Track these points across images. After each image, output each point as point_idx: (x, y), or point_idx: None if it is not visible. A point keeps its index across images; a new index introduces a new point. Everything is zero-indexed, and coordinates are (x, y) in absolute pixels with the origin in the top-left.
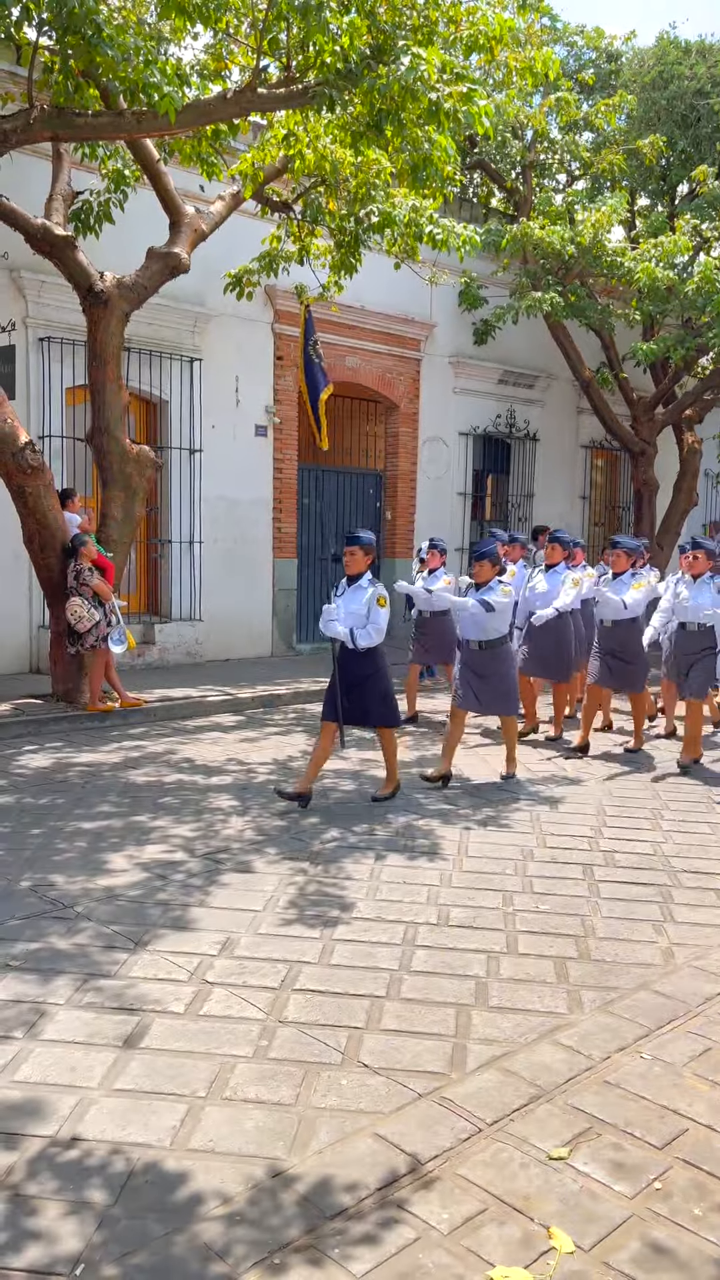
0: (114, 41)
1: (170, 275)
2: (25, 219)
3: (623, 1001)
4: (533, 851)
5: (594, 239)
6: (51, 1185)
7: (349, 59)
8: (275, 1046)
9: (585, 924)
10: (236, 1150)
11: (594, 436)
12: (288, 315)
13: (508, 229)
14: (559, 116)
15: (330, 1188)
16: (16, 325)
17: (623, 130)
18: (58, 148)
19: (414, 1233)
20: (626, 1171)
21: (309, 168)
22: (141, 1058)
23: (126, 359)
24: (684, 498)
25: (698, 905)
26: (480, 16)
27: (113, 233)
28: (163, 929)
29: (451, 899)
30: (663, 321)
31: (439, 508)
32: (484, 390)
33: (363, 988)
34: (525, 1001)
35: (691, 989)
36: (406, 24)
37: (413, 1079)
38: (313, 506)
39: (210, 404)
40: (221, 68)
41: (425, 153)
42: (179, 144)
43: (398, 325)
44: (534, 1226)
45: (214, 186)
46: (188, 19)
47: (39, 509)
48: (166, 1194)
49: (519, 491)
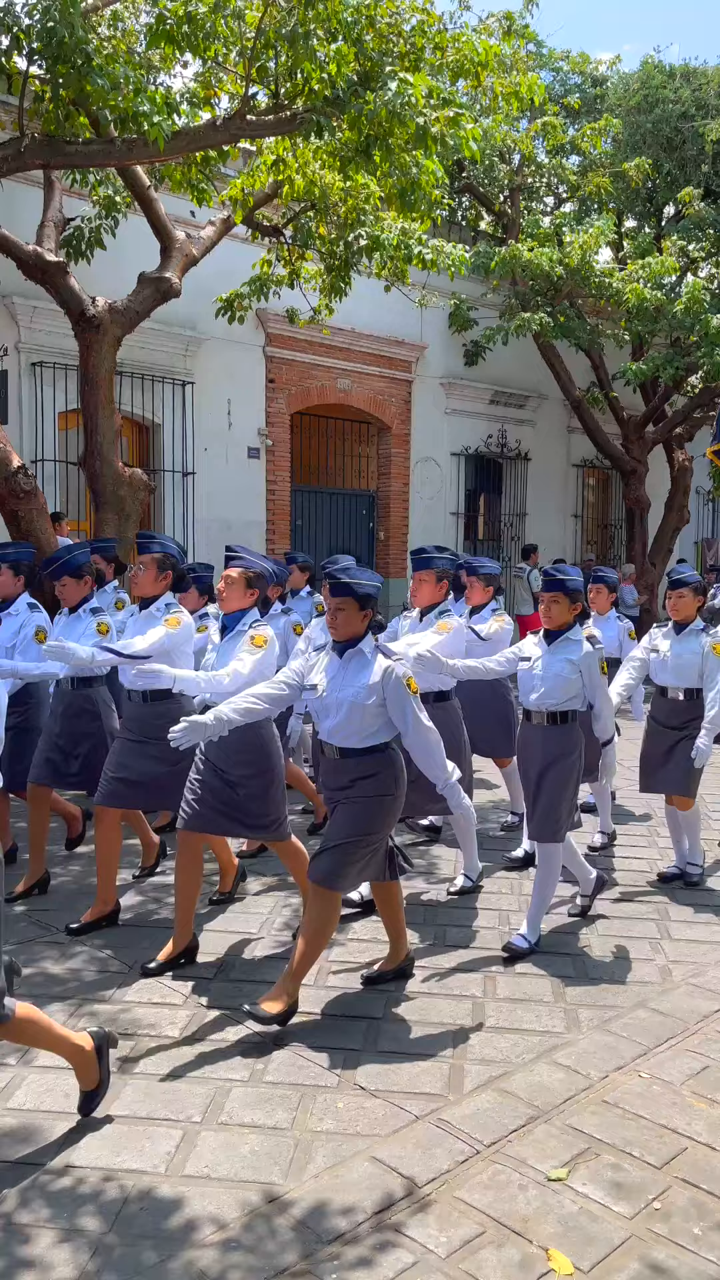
0: (104, 71)
1: (162, 300)
2: (17, 245)
3: (620, 1020)
4: (529, 871)
5: (582, 260)
6: (45, 1213)
7: (337, 86)
8: (271, 1070)
9: (582, 942)
10: (232, 1175)
11: (585, 455)
12: (279, 339)
13: (496, 251)
14: (546, 140)
15: (326, 1212)
16: (9, 350)
17: (609, 154)
18: (49, 175)
19: (411, 1256)
20: (626, 1192)
21: (298, 193)
22: (135, 1083)
23: (119, 383)
24: (675, 515)
25: (694, 923)
26: (466, 43)
27: (104, 258)
28: (157, 952)
29: (448, 919)
30: (651, 341)
31: (432, 528)
32: (475, 411)
33: (359, 1009)
34: (522, 1021)
35: (689, 1007)
36: (393, 51)
37: (410, 1101)
38: (306, 528)
39: (202, 427)
40: (211, 95)
41: (413, 177)
42: (169, 170)
43: (389, 347)
44: (533, 1249)
45: (204, 212)
46: (177, 48)
47: (32, 533)
48: (161, 1221)
49: (511, 511)
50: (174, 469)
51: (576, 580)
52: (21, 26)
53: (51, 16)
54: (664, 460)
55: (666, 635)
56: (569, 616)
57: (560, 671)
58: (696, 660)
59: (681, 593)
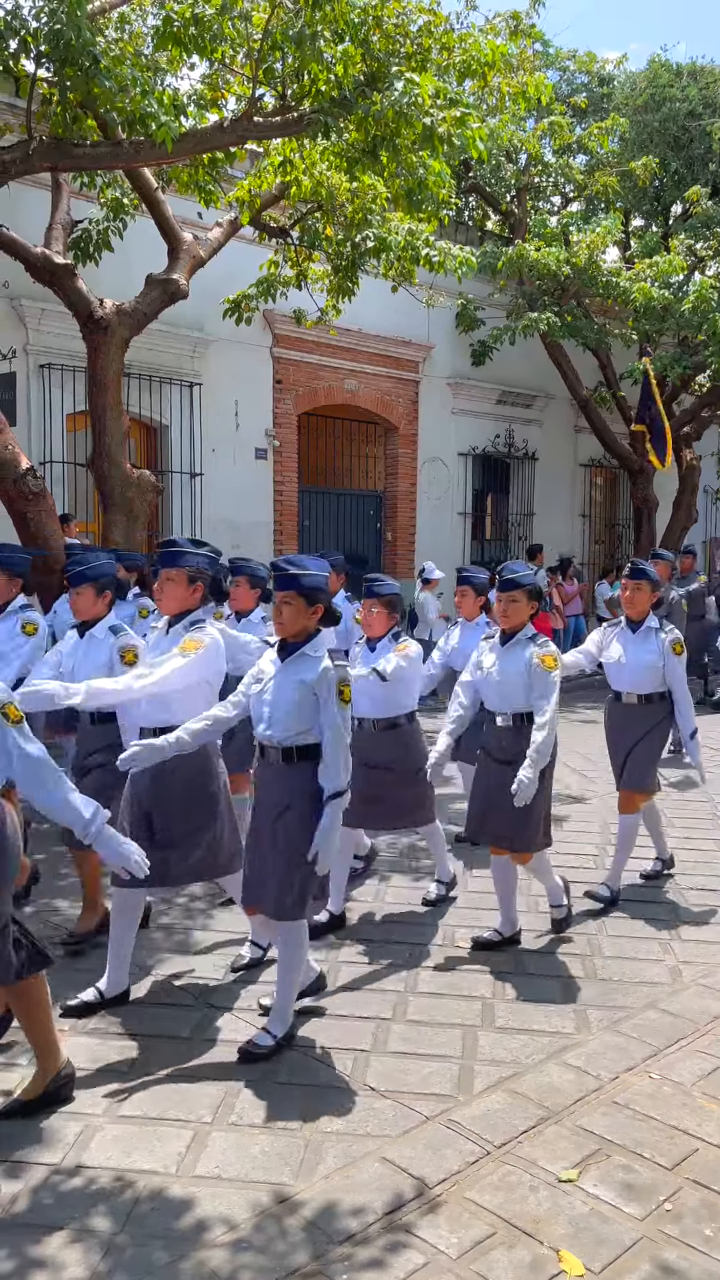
0: (111, 73)
1: (169, 301)
2: (25, 248)
3: (630, 1021)
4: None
5: (589, 260)
6: (56, 1213)
7: (344, 87)
8: (281, 1071)
9: (591, 943)
10: (243, 1176)
11: (592, 455)
12: (286, 340)
13: (503, 251)
14: (552, 140)
15: (337, 1213)
16: (17, 352)
17: (616, 152)
18: (57, 178)
19: (422, 1257)
20: (636, 1193)
21: (305, 194)
22: (146, 1083)
23: (126, 384)
24: (683, 514)
25: (704, 923)
26: (473, 43)
27: (112, 260)
28: (166, 953)
29: (457, 920)
30: (659, 341)
31: (439, 528)
32: (482, 411)
33: (368, 1010)
34: (532, 1022)
35: (699, 1007)
36: (400, 52)
37: (420, 1102)
38: (313, 529)
39: (210, 428)
40: (218, 97)
41: (420, 177)
42: (176, 172)
43: (396, 348)
44: (544, 1250)
45: (212, 213)
46: (184, 50)
47: (41, 535)
48: (172, 1221)
49: (519, 511)
50: (182, 470)
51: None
52: (29, 29)
53: (59, 19)
54: (672, 460)
55: (493, 649)
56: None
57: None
58: (521, 675)
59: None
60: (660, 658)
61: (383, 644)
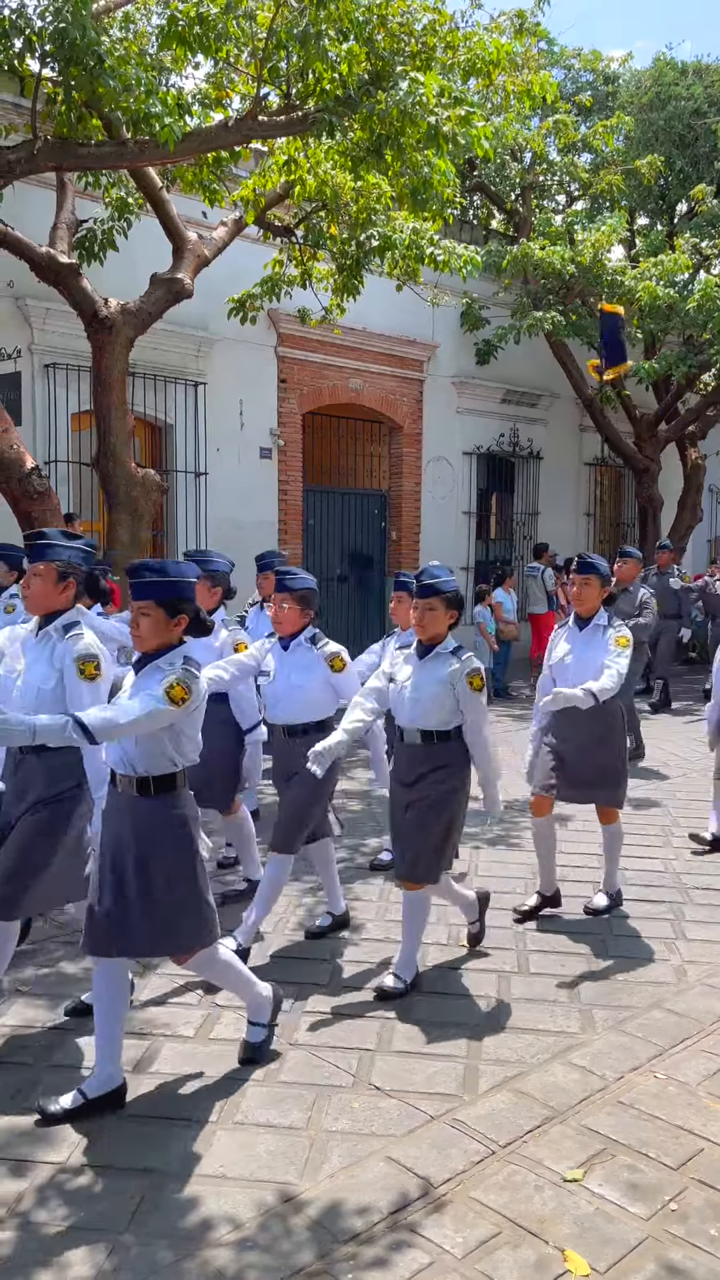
0: (116, 73)
1: (174, 300)
2: (30, 248)
3: (635, 1020)
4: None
5: (594, 258)
6: (62, 1211)
7: (348, 86)
8: (286, 1070)
9: (596, 942)
10: (248, 1175)
11: (597, 454)
12: (290, 339)
13: (508, 250)
14: (557, 138)
15: (342, 1212)
16: (22, 352)
17: (621, 151)
18: (61, 177)
19: (427, 1257)
20: (642, 1193)
21: (310, 193)
22: (152, 1082)
23: (131, 384)
24: (688, 514)
25: (709, 922)
26: (478, 42)
27: (116, 260)
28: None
29: (462, 919)
30: (664, 339)
31: (444, 527)
32: (487, 410)
33: (373, 1009)
34: (537, 1021)
35: (704, 1007)
36: (405, 50)
37: (424, 1101)
38: (318, 528)
39: (215, 427)
40: (222, 96)
41: (425, 176)
42: (181, 171)
43: (400, 347)
44: (549, 1249)
45: (216, 213)
46: (188, 49)
47: None
48: (177, 1220)
49: (524, 510)
50: (187, 469)
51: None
52: (34, 29)
53: (63, 19)
54: (677, 458)
55: (408, 660)
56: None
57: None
58: (440, 691)
59: (431, 603)
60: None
61: (296, 643)
